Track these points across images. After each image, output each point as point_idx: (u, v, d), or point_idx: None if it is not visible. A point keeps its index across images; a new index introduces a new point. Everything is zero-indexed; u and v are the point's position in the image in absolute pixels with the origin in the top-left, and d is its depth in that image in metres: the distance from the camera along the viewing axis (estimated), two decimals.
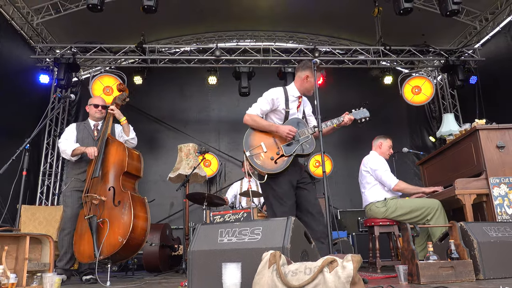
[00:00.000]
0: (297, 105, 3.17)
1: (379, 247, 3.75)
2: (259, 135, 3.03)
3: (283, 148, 2.97)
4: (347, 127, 9.09)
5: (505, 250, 2.61)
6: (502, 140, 3.40)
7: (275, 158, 2.92)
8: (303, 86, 3.19)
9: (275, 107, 3.09)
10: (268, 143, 2.99)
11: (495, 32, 7.45)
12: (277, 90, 3.16)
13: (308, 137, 3.03)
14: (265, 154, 2.94)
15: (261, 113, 3.09)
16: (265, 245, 1.83)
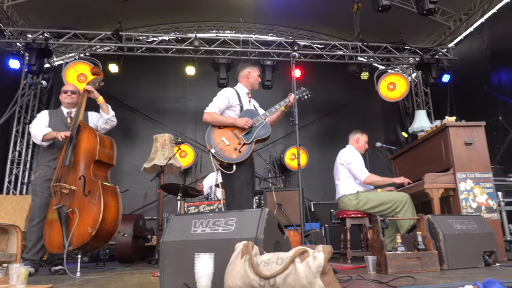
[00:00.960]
0: (248, 100, 3.50)
1: (350, 239, 3.84)
2: (218, 132, 3.27)
3: (243, 137, 3.23)
4: (325, 121, 9.24)
5: (468, 241, 2.74)
6: (470, 137, 3.53)
7: (238, 148, 3.17)
8: (248, 82, 3.52)
9: (230, 104, 3.38)
10: (228, 136, 3.23)
11: (468, 32, 7.68)
12: (229, 89, 3.50)
13: (262, 123, 3.30)
14: (228, 146, 3.18)
15: (219, 110, 3.34)
16: (238, 236, 1.84)
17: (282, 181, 7.95)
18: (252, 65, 3.54)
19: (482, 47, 7.24)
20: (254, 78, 3.51)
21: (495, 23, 6.98)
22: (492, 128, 6.41)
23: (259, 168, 7.62)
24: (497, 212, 3.38)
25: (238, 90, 3.48)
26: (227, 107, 3.37)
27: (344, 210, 3.96)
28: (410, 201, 3.69)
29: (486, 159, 3.50)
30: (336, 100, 8.54)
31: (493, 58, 6.97)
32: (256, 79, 3.51)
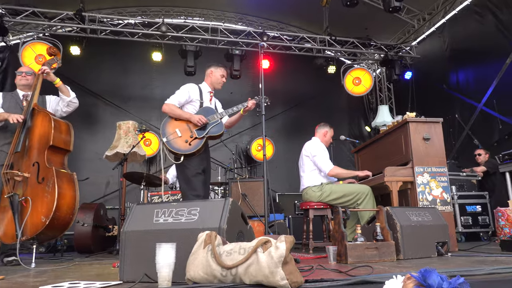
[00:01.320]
0: (209, 98, 3.61)
1: (313, 229, 3.92)
2: (173, 123, 3.41)
3: (196, 132, 3.37)
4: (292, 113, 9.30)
5: (423, 233, 2.86)
6: (428, 132, 3.67)
7: (189, 141, 3.33)
8: (210, 81, 3.63)
9: (191, 99, 3.50)
10: (182, 129, 3.38)
11: (431, 32, 7.97)
12: (192, 84, 3.58)
13: (217, 121, 3.43)
14: (180, 138, 3.33)
15: (179, 103, 3.47)
16: (201, 226, 1.83)
17: (247, 171, 7.98)
18: (216, 65, 3.64)
19: (443, 46, 7.53)
20: (215, 78, 3.61)
21: (455, 24, 7.28)
22: (449, 125, 6.74)
23: (225, 158, 7.60)
24: (451, 205, 3.56)
25: (202, 87, 3.60)
26: (188, 101, 3.50)
27: (308, 201, 4.03)
28: (371, 193, 3.81)
29: (442, 154, 3.66)
30: (303, 93, 8.64)
31: (452, 58, 7.28)
32: (218, 79, 3.61)
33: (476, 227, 5.13)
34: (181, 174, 3.39)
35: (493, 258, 2.56)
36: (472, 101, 6.61)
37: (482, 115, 6.39)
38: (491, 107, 6.18)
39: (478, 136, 6.49)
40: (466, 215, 5.12)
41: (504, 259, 2.46)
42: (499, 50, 6.05)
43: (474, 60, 6.69)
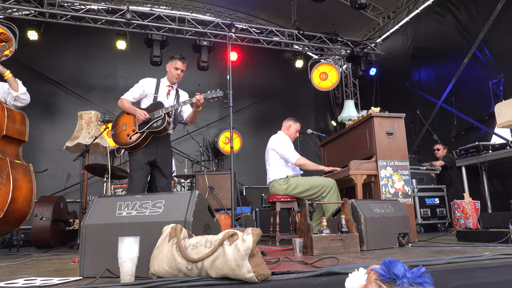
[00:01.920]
0: (166, 92, 3.61)
1: (279, 222, 3.94)
2: (124, 117, 3.51)
3: (138, 126, 3.43)
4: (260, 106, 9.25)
5: (385, 224, 2.95)
6: (392, 127, 3.77)
7: (130, 134, 3.41)
8: (168, 76, 3.65)
9: (146, 93, 3.55)
10: (129, 123, 3.46)
11: (395, 30, 8.19)
12: (148, 79, 3.62)
13: (160, 116, 3.42)
14: (124, 132, 3.44)
15: (133, 98, 3.54)
16: (166, 219, 1.79)
17: (215, 164, 7.92)
18: (172, 59, 3.64)
19: (406, 44, 7.77)
20: (170, 72, 3.62)
21: (418, 23, 7.52)
22: (410, 120, 6.98)
23: (192, 151, 7.51)
24: (411, 198, 3.68)
25: (161, 81, 3.63)
26: (143, 96, 3.56)
27: (274, 194, 4.04)
28: (335, 187, 3.87)
29: (404, 148, 3.78)
30: (271, 86, 8.65)
31: (414, 56, 7.52)
32: (172, 73, 3.60)
33: (434, 219, 5.36)
34: (129, 166, 3.50)
35: (450, 248, 2.67)
36: (432, 98, 6.87)
37: (441, 112, 6.66)
38: (450, 104, 6.45)
39: (437, 131, 6.77)
40: (425, 207, 5.33)
41: (460, 248, 2.57)
42: (458, 49, 6.32)
43: (435, 59, 6.95)
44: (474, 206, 4.49)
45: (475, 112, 6.02)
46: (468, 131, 6.16)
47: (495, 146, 5.13)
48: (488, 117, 5.79)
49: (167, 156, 3.56)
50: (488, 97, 5.65)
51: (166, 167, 3.51)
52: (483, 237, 3.10)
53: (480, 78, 5.92)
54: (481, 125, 5.89)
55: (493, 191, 5.48)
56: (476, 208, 4.50)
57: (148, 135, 3.42)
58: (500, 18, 5.66)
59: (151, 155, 3.44)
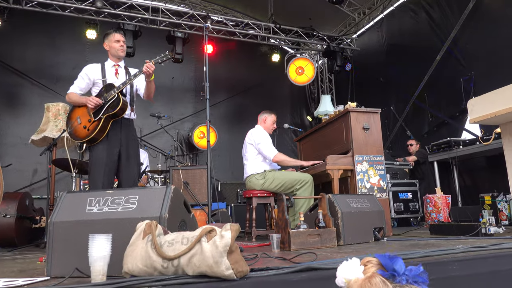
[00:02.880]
0: (114, 73, 3.36)
1: (256, 217, 3.93)
2: (76, 111, 3.26)
3: (93, 114, 3.16)
4: (235, 100, 9.15)
5: (362, 219, 2.98)
6: (368, 122, 3.82)
7: (87, 126, 3.14)
8: (110, 53, 3.39)
9: (92, 80, 3.30)
10: (83, 115, 3.21)
11: (370, 26, 8.31)
12: (90, 66, 3.38)
13: (114, 96, 3.14)
14: (79, 125, 3.18)
15: (80, 89, 3.31)
16: (140, 215, 1.73)
17: (189, 159, 7.82)
18: (107, 34, 3.40)
19: (381, 41, 7.90)
20: (111, 47, 3.36)
21: (392, 20, 7.66)
22: (384, 116, 7.11)
23: (166, 145, 7.39)
24: (386, 192, 3.75)
25: (106, 64, 3.40)
26: (91, 84, 3.32)
27: (251, 189, 4.02)
28: (311, 182, 3.88)
29: (380, 143, 3.83)
30: (247, 80, 8.61)
31: (389, 52, 7.66)
32: (113, 47, 3.34)
33: (407, 213, 5.50)
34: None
35: (424, 241, 2.73)
36: (405, 94, 7.02)
37: (414, 108, 6.82)
38: (423, 101, 6.62)
39: (410, 127, 6.93)
40: (398, 201, 5.46)
41: (434, 242, 2.64)
42: (431, 47, 6.47)
43: (409, 55, 7.09)
44: (446, 200, 4.63)
45: (447, 108, 6.20)
46: (440, 127, 6.35)
47: (465, 142, 5.30)
48: (459, 114, 5.97)
49: (131, 145, 3.29)
50: (459, 93, 5.82)
51: (131, 157, 3.25)
52: (455, 230, 3.19)
53: (451, 75, 6.09)
54: (452, 121, 6.08)
55: (463, 186, 5.68)
56: (447, 202, 4.64)
57: (107, 122, 3.14)
58: (472, 17, 5.84)
59: (114, 147, 3.18)
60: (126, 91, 3.28)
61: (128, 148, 3.25)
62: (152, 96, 3.40)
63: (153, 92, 3.38)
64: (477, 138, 5.10)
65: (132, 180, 3.23)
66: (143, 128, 7.39)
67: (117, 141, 3.20)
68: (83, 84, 3.31)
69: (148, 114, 6.43)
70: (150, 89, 3.33)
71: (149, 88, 3.32)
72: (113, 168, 3.16)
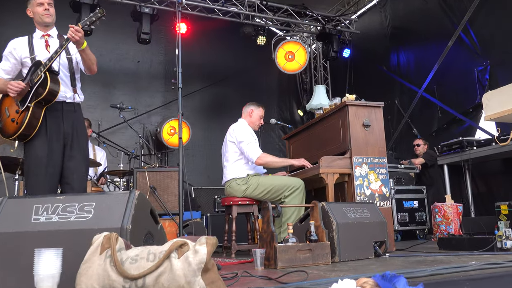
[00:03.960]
0: (44, 45, 3.15)
1: (236, 230, 3.93)
2: (4, 101, 3.07)
3: (19, 103, 2.94)
4: (213, 90, 9.13)
5: (361, 231, 3.02)
6: (369, 118, 3.86)
7: (16, 118, 2.92)
8: (35, 20, 3.17)
9: (19, 59, 3.08)
10: (11, 105, 3.01)
11: (372, 5, 8.39)
12: (16, 39, 3.14)
13: (41, 77, 2.90)
14: (8, 118, 2.97)
15: (6, 73, 3.08)
16: (97, 226, 1.73)
17: (157, 160, 7.75)
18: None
19: (384, 23, 7.99)
20: (36, 12, 3.12)
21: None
22: (388, 111, 7.20)
23: (129, 143, 7.31)
24: (389, 200, 3.80)
25: (33, 35, 3.17)
26: (19, 65, 3.10)
27: (231, 196, 4.02)
28: (303, 189, 3.90)
29: (382, 143, 3.88)
30: (227, 67, 8.58)
31: (393, 36, 7.76)
32: (36, 11, 3.11)
33: (413, 225, 5.58)
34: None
35: (432, 257, 2.78)
36: (412, 85, 7.13)
37: (422, 102, 6.93)
38: (432, 94, 6.73)
39: (417, 124, 7.04)
40: (403, 211, 5.54)
41: (443, 258, 2.69)
42: (442, 31, 6.58)
43: (416, 41, 7.20)
44: (456, 210, 4.72)
45: (459, 103, 6.32)
46: (451, 125, 6.47)
47: (480, 142, 5.41)
48: (472, 109, 6.10)
49: (79, 136, 3.08)
50: (473, 86, 5.94)
51: (78, 152, 3.05)
52: (466, 244, 3.26)
53: (465, 65, 6.21)
54: (465, 118, 6.20)
55: (476, 193, 5.80)
56: (458, 212, 4.73)
57: (38, 110, 2.91)
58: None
59: (55, 142, 2.96)
60: (61, 67, 3.06)
61: (74, 142, 3.04)
62: (93, 68, 3.21)
63: (93, 64, 3.19)
64: (493, 138, 5.21)
65: (81, 183, 3.05)
66: (102, 121, 7.30)
67: (59, 134, 2.99)
68: (9, 66, 3.08)
69: (108, 105, 6.35)
70: (86, 60, 3.12)
71: (85, 59, 3.11)
72: (56, 171, 2.96)
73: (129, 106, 6.16)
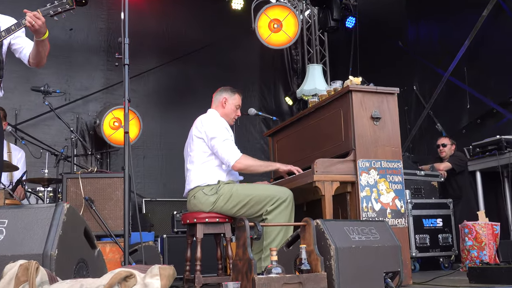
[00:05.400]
0: None
1: (202, 256, 3.90)
2: None
3: None
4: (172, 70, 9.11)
5: (367, 258, 3.03)
6: (379, 109, 3.88)
7: None
8: None
9: None
10: None
11: None
12: None
13: None
14: None
15: None
16: (10, 252, 1.75)
17: (96, 162, 7.68)
18: None
19: None
20: None
21: None
22: (404, 100, 7.26)
23: (58, 139, 7.23)
24: (405, 218, 3.83)
25: None
26: None
27: (196, 211, 3.99)
28: (291, 201, 3.89)
29: (396, 142, 3.91)
30: (192, 39, 8.55)
31: (412, 3, 7.82)
32: None
33: (435, 250, 5.64)
34: None
35: None
36: (436, 67, 7.20)
37: (448, 89, 7.00)
38: (461, 78, 6.80)
39: (442, 118, 7.13)
40: (422, 232, 5.58)
41: None
42: None
43: (442, 10, 7.26)
44: (492, 231, 4.79)
45: (496, 90, 6.41)
46: (486, 119, 6.55)
47: None
48: None
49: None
50: None
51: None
52: (505, 276, 3.31)
53: (503, 40, 6.29)
54: (504, 110, 6.28)
55: None
56: (494, 233, 4.81)
57: None
58: None
59: None
60: None
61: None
62: (44, 61, 3.38)
63: (45, 57, 3.34)
64: None
65: None
66: (20, 110, 7.19)
67: None
68: None
69: (28, 88, 6.24)
70: (41, 52, 3.28)
71: (39, 51, 3.27)
72: None
73: (57, 89, 6.06)
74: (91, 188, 4.79)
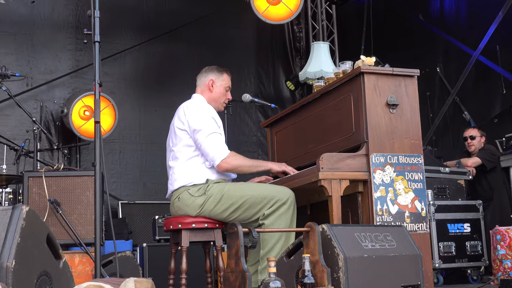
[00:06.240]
0: None
1: (188, 268, 3.90)
2: None
3: None
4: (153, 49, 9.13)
5: (382, 270, 3.03)
6: (396, 94, 3.87)
7: None
8: None
9: None
10: None
11: None
12: None
13: None
14: None
15: None
16: None
17: (63, 158, 7.68)
18: None
19: None
20: None
21: None
22: (426, 84, 7.25)
23: (18, 131, 7.22)
24: (427, 222, 3.82)
25: None
26: None
27: (180, 215, 3.99)
28: (292, 203, 3.89)
29: (417, 133, 3.90)
30: (176, 13, 8.55)
31: None
32: None
33: (462, 260, 5.63)
34: None
35: None
36: (463, 45, 7.19)
37: (478, 71, 7.00)
38: (493, 58, 6.80)
39: (470, 105, 7.13)
40: (447, 239, 5.59)
41: None
42: None
43: None
44: None
45: None
46: None
47: None
48: None
49: None
50: None
51: None
52: None
53: None
54: None
55: None
56: None
57: None
58: None
59: None
60: None
61: None
62: None
63: None
64: None
65: None
66: None
67: None
68: None
69: None
70: None
71: None
72: None
73: (16, 72, 6.06)
74: (57, 189, 4.79)
